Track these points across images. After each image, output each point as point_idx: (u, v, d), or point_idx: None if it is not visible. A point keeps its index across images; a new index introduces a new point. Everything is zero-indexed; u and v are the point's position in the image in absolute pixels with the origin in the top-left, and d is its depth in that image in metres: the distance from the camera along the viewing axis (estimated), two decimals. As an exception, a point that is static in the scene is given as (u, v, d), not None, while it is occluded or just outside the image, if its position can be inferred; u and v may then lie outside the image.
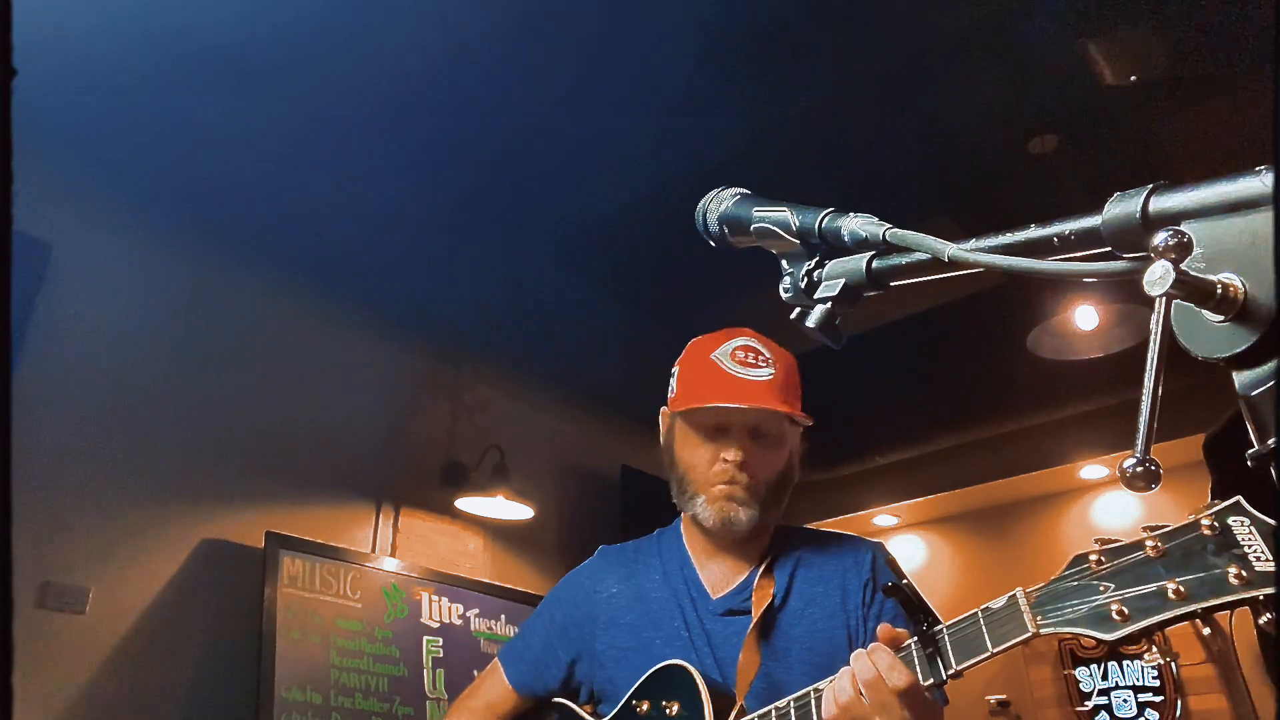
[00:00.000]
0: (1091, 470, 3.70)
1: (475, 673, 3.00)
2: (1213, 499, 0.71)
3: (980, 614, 0.84)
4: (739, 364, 1.24)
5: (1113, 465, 3.57)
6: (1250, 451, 0.42)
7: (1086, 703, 3.51)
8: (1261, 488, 0.67)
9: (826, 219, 0.68)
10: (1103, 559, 0.76)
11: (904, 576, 0.91)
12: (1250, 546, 0.66)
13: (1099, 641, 0.74)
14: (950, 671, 0.85)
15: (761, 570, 1.22)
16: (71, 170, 2.46)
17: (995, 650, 0.82)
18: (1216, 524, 0.69)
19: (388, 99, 2.28)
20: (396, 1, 1.98)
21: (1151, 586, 0.71)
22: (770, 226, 0.72)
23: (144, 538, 2.47)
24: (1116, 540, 0.77)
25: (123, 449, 2.49)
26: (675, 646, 1.19)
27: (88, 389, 2.45)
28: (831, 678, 0.95)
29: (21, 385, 2.26)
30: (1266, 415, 0.41)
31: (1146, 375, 0.43)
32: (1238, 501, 0.69)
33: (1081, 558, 0.78)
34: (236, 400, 2.80)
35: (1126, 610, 0.72)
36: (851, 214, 0.67)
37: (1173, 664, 3.34)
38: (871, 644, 0.91)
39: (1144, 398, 0.43)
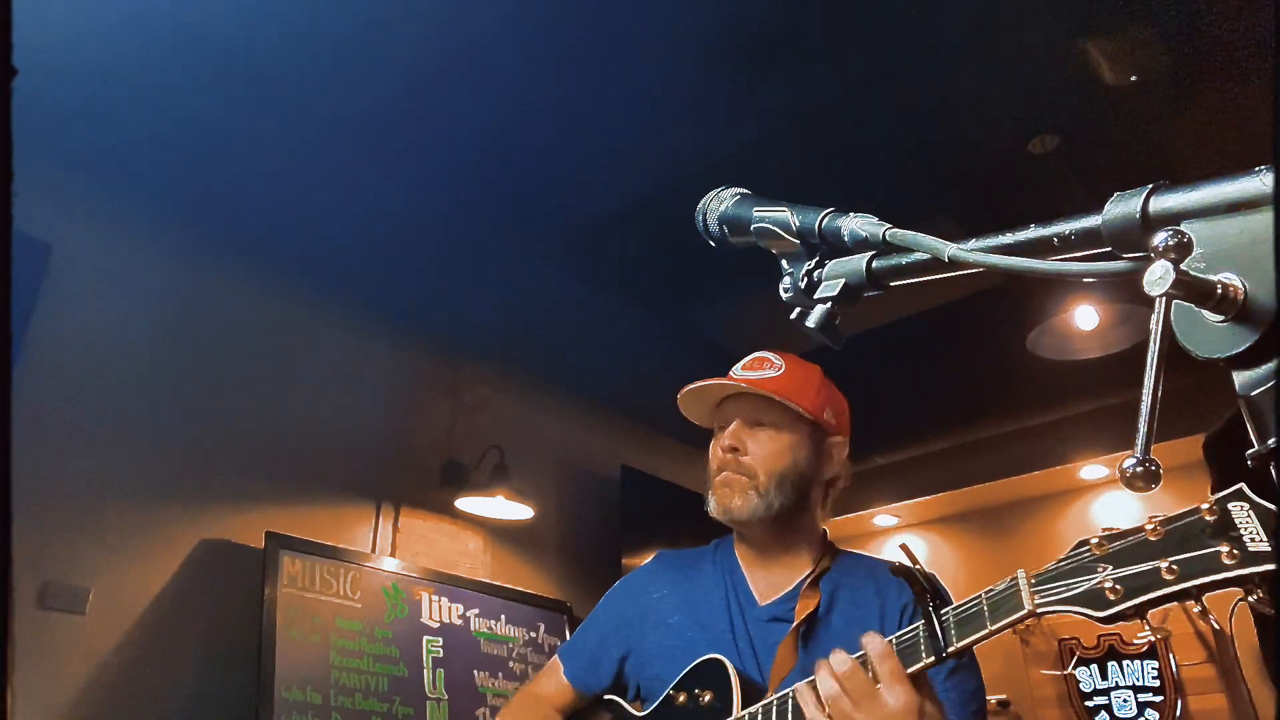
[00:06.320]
0: (1091, 470, 3.70)
1: (475, 673, 3.02)
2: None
3: (983, 595, 0.86)
4: (742, 369, 1.30)
5: (1113, 465, 3.57)
6: (1250, 451, 0.42)
7: (1087, 703, 3.51)
8: (1261, 487, 0.67)
9: (826, 219, 0.68)
10: (1104, 543, 0.78)
11: (916, 562, 0.93)
12: (1246, 529, 0.67)
13: (1092, 619, 0.75)
14: (949, 649, 0.86)
15: (808, 582, 1.24)
16: (71, 170, 2.46)
17: (993, 628, 0.83)
18: (1217, 508, 0.70)
19: (387, 99, 2.28)
20: (396, 3, 1.98)
21: (1146, 566, 0.72)
22: (770, 226, 0.72)
23: (144, 538, 2.47)
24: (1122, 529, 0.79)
25: (123, 449, 2.48)
26: (720, 648, 1.22)
27: (88, 389, 2.44)
28: (806, 680, 0.96)
29: (21, 385, 2.26)
30: (1266, 415, 0.41)
31: (1146, 375, 0.43)
32: (1240, 489, 0.70)
33: (1084, 542, 0.80)
34: (236, 400, 2.80)
35: (1120, 588, 0.73)
36: (851, 214, 0.67)
37: (1173, 664, 3.34)
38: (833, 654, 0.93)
39: (1144, 398, 0.43)
